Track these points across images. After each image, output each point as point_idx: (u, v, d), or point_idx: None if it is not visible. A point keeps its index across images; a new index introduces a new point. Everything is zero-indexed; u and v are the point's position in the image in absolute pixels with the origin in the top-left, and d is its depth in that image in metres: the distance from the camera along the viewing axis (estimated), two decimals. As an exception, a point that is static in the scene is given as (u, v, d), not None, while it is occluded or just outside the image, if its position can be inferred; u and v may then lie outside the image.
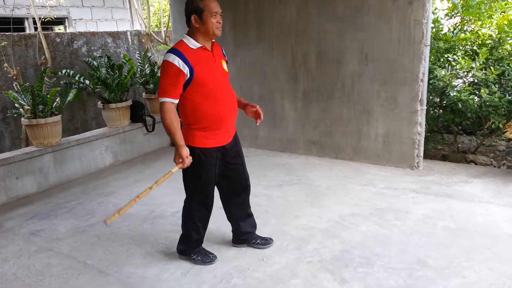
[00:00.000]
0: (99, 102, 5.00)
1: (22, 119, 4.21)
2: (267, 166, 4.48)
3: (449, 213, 3.24)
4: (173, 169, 2.34)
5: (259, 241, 2.83)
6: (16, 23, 7.22)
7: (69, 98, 4.49)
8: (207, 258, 2.67)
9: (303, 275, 2.50)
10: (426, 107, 4.10)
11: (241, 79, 5.02)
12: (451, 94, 4.15)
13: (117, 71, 4.96)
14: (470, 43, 4.42)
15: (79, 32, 6.04)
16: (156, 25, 9.53)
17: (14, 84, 4.48)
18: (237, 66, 5.04)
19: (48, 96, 4.20)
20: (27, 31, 7.85)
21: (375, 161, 4.42)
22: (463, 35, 4.38)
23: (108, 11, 9.44)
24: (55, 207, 3.73)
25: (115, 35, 6.43)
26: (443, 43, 4.40)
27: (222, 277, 2.52)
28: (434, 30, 4.52)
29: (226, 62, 2.55)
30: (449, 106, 4.42)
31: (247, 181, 2.73)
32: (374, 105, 4.30)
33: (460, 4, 4.51)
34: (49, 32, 5.80)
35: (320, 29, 4.45)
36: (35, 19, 5.20)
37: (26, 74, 5.24)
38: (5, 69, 4.71)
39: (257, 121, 2.60)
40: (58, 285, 2.55)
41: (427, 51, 3.94)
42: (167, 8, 6.84)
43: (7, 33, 5.07)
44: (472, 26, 4.70)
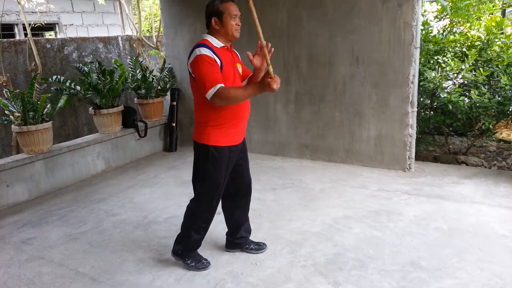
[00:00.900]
0: (90, 108, 4.96)
1: (13, 126, 4.17)
2: (261, 170, 4.48)
3: (441, 214, 3.26)
4: (270, 69, 2.13)
5: (252, 246, 2.83)
6: (5, 29, 7.17)
7: (60, 105, 4.45)
8: (200, 264, 2.66)
9: (297, 279, 2.50)
10: (417, 109, 4.14)
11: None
12: (442, 96, 4.19)
13: (108, 77, 4.92)
14: (459, 45, 4.47)
15: (70, 37, 6.01)
16: (147, 30, 9.48)
17: (4, 91, 4.43)
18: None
19: (39, 102, 4.17)
20: (17, 37, 7.81)
21: (367, 163, 4.44)
22: (452, 37, 4.43)
23: (99, 16, 9.40)
24: (47, 214, 3.69)
25: (106, 41, 6.40)
26: (433, 45, 4.45)
27: (215, 282, 2.51)
28: (423, 32, 4.57)
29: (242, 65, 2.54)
30: (439, 108, 4.46)
31: (251, 183, 2.78)
32: (366, 107, 4.32)
33: (449, 6, 4.56)
34: (39, 38, 5.76)
35: (311, 32, 4.47)
36: (25, 25, 5.17)
37: (16, 81, 5.20)
38: (-6, 76, 4.67)
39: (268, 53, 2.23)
40: (49, 294, 2.52)
41: (417, 53, 3.97)
42: (158, 13, 6.82)
43: (-4, 40, 5.03)
44: (461, 28, 4.75)
